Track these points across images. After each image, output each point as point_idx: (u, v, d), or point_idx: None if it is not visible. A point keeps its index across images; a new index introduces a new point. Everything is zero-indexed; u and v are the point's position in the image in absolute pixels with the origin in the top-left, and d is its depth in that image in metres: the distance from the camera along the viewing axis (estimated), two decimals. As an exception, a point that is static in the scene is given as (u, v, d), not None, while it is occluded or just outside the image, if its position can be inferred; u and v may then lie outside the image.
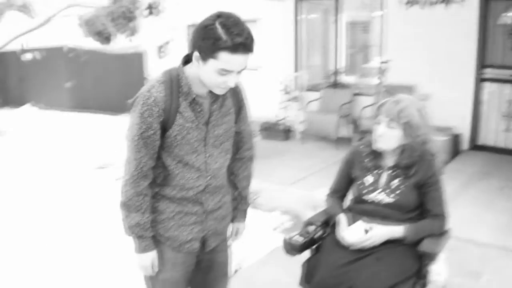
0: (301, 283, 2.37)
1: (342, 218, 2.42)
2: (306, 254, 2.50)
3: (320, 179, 5.85)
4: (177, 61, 2.06)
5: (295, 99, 8.65)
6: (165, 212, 2.10)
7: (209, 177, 2.08)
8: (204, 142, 2.03)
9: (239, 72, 1.88)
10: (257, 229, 4.48)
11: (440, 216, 2.31)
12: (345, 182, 2.55)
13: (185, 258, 2.16)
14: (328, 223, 2.49)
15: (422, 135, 2.28)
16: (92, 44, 15.38)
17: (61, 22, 13.28)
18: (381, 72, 7.06)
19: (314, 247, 2.47)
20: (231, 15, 1.81)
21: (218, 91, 1.94)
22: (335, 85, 8.63)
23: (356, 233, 2.26)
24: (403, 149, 2.31)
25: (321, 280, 2.18)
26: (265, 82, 9.19)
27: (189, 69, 1.95)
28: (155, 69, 8.50)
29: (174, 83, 1.97)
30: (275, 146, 7.91)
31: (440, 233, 2.31)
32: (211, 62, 1.81)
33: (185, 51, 2.08)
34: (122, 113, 9.38)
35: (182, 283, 2.23)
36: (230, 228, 2.35)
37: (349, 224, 2.35)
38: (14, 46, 13.24)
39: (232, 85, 1.88)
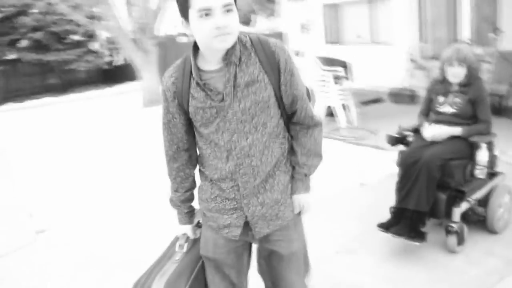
0: (396, 164, 3.73)
1: (425, 123, 3.75)
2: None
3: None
4: (316, 38, 3.02)
5: (420, 67, 9.68)
6: (207, 192, 2.07)
7: (238, 156, 1.93)
8: (225, 119, 1.90)
9: (224, 11, 1.76)
10: (379, 160, 5.84)
11: (486, 122, 3.56)
12: (427, 104, 3.86)
13: (226, 242, 2.09)
14: (417, 130, 3.82)
15: (477, 68, 3.54)
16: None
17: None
18: (495, 40, 7.87)
19: (404, 144, 3.88)
20: None
21: (219, 44, 1.79)
22: (457, 54, 9.49)
23: (431, 130, 3.60)
24: (464, 77, 3.58)
25: (404, 156, 3.58)
26: (393, 53, 10.31)
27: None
28: (298, 47, 9.91)
29: (187, 63, 1.94)
30: (402, 108, 8.99)
31: (485, 132, 3.57)
32: (190, 14, 1.78)
33: (321, 29, 3.13)
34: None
35: (229, 266, 2.14)
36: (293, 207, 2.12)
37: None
38: (172, 30, 15.39)
39: (221, 24, 1.74)
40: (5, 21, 20.31)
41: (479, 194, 3.63)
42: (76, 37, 20.93)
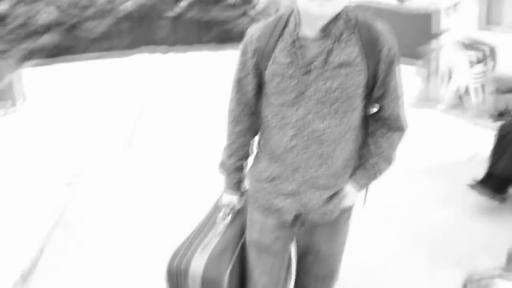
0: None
1: None
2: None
3: None
4: (464, 20, 3.11)
5: None
6: (264, 172, 1.90)
7: (308, 137, 1.76)
8: (304, 95, 1.73)
9: None
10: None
11: None
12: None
13: (275, 228, 1.93)
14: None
15: None
16: (388, 1, 17.40)
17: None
18: None
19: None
20: None
21: (315, 9, 1.61)
22: None
23: None
24: None
25: (500, 128, 4.25)
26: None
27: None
28: (444, 28, 10.03)
29: (281, 22, 1.77)
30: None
31: None
32: None
33: (475, 11, 3.34)
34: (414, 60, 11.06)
35: (273, 255, 1.97)
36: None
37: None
38: None
39: None
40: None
41: None
42: (233, 1, 22.59)
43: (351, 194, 1.90)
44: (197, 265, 1.90)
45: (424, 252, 3.65)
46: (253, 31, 1.81)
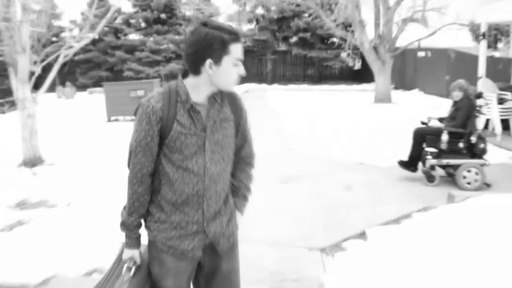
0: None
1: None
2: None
3: None
4: None
5: None
6: (166, 222, 2.24)
7: (208, 181, 2.20)
8: (203, 147, 2.18)
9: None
10: (506, 156, 8.38)
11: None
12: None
13: (188, 266, 2.30)
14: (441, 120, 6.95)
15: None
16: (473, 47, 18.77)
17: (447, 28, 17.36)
18: None
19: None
20: (211, 20, 2.36)
21: (234, 85, 2.23)
22: None
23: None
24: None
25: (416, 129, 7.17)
26: None
27: (188, 81, 2.19)
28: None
29: (173, 93, 2.17)
30: None
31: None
32: (225, 59, 2.12)
33: None
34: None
35: None
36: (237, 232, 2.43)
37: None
38: (411, 46, 18.42)
39: (243, 72, 2.19)
40: (283, 21, 26.03)
41: (447, 160, 6.62)
42: (335, 40, 25.33)
43: (238, 216, 2.46)
44: None
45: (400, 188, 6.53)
46: (154, 102, 2.15)
